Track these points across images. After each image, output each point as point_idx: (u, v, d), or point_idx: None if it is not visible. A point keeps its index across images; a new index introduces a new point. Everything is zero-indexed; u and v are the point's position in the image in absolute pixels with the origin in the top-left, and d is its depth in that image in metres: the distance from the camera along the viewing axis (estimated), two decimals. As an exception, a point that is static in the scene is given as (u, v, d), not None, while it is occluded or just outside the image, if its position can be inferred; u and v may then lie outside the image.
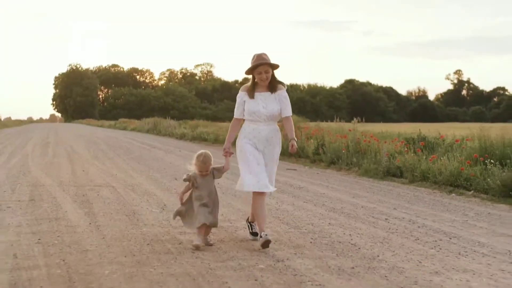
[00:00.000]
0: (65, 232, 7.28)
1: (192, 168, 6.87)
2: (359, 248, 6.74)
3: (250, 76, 7.03)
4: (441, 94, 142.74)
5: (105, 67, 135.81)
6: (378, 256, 6.37)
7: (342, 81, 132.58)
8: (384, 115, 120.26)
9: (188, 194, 6.87)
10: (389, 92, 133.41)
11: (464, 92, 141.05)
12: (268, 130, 6.93)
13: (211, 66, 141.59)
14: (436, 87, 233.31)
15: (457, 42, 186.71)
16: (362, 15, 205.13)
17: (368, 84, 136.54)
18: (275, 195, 10.69)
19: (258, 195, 6.80)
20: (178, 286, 5.07)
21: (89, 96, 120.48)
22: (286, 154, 17.30)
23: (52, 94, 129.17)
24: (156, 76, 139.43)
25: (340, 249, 6.70)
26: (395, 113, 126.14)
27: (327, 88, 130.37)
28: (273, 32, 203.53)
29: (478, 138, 14.07)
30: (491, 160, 12.13)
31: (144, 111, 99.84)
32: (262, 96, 6.94)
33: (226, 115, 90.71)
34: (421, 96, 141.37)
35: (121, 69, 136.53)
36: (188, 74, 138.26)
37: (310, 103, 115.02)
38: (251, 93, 6.94)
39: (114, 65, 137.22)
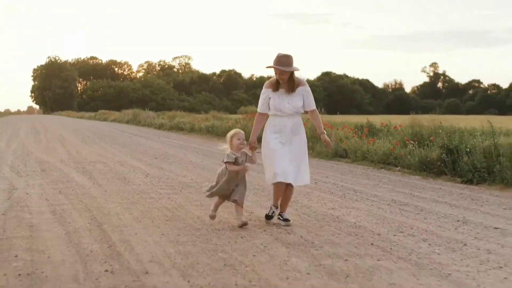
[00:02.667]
0: (76, 188, 10.07)
1: (226, 147, 7.25)
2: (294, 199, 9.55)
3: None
4: (417, 87, 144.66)
5: (84, 59, 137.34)
6: (299, 201, 9.16)
7: (319, 74, 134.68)
8: (360, 107, 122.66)
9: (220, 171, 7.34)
10: (365, 85, 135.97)
11: (439, 84, 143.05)
12: (293, 122, 7.32)
13: (189, 59, 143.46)
14: (412, 79, 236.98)
15: (434, 35, 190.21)
16: (339, 8, 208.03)
17: (345, 76, 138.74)
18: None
19: (289, 185, 7.36)
20: (159, 214, 7.84)
21: (68, 88, 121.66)
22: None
23: (30, 86, 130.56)
24: (134, 68, 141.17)
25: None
26: (371, 105, 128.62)
27: (304, 80, 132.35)
28: (251, 24, 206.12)
29: (411, 126, 16.94)
30: (416, 143, 14.91)
31: (123, 103, 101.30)
32: (285, 92, 7.34)
33: (204, 107, 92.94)
34: (398, 88, 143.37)
35: (100, 61, 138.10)
36: (166, 66, 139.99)
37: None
38: (275, 88, 7.33)
39: (92, 57, 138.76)
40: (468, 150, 12.64)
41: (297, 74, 7.49)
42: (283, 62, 7.22)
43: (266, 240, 6.42)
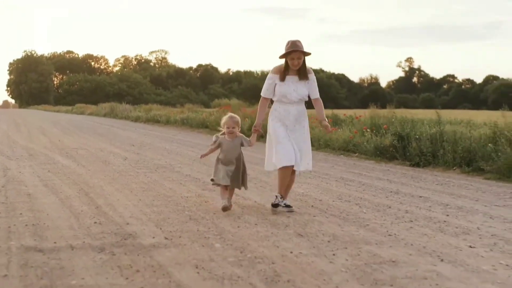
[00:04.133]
0: (63, 168, 11.36)
1: (222, 133, 7.52)
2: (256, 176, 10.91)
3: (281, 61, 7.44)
4: (392, 81, 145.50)
5: (60, 53, 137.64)
6: (258, 177, 10.52)
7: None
8: (336, 102, 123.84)
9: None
10: (341, 79, 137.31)
11: (415, 79, 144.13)
12: (297, 110, 7.42)
13: (165, 53, 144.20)
14: (388, 74, 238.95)
15: (410, 30, 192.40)
16: (317, 3, 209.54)
17: (321, 71, 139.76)
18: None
19: (293, 171, 7.48)
20: (137, 186, 9.15)
21: (44, 82, 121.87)
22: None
23: (6, 80, 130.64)
24: (111, 63, 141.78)
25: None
26: (347, 100, 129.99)
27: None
28: (229, 18, 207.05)
29: (370, 117, 18.40)
30: (374, 131, 16.32)
31: (99, 97, 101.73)
32: (293, 80, 7.38)
33: (180, 101, 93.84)
34: (373, 83, 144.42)
35: (76, 56, 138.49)
36: (143, 60, 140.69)
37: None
38: (282, 76, 7.37)
39: (69, 52, 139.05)
40: (417, 137, 14.04)
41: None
42: (300, 45, 7.25)
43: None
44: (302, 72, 7.37)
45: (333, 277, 4.63)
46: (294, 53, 7.24)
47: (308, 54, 7.31)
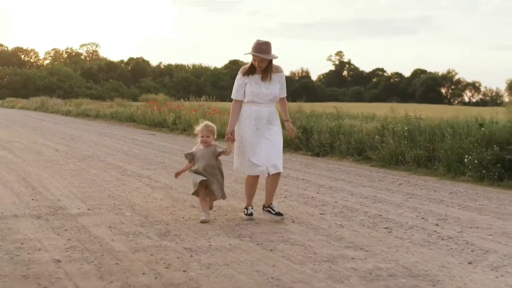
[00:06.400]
0: (1, 159, 12.90)
1: (197, 141, 7.34)
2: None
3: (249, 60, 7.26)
4: (323, 75, 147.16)
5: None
6: (170, 165, 12.29)
7: (227, 62, 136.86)
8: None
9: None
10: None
11: (345, 73, 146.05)
12: (269, 111, 7.17)
13: (96, 46, 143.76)
14: (318, 67, 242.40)
15: (340, 24, 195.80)
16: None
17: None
18: (140, 153, 16.46)
19: (270, 176, 7.21)
20: (67, 172, 10.80)
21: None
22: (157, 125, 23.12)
23: None
24: (41, 56, 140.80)
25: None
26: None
27: (212, 68, 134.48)
28: (159, 11, 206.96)
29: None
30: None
31: (29, 90, 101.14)
32: (263, 79, 7.16)
33: (111, 94, 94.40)
34: (304, 76, 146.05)
35: (5, 49, 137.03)
36: (74, 54, 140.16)
37: (195, 83, 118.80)
38: (247, 72, 7.15)
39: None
40: (319, 130, 15.99)
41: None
42: (263, 49, 7.02)
43: (140, 185, 9.56)
44: (268, 73, 7.14)
45: (209, 233, 6.45)
46: (256, 56, 7.07)
47: (271, 59, 7.13)
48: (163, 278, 4.81)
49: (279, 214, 7.21)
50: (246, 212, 7.28)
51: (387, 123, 14.85)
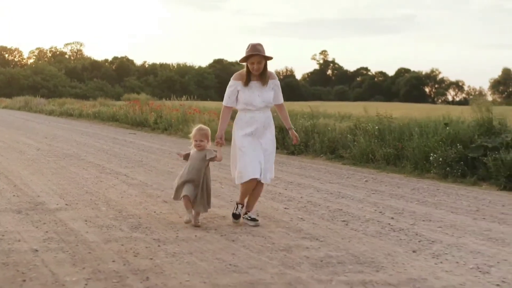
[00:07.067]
0: (-16, 158, 13.35)
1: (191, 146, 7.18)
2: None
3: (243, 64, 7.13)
4: (307, 74, 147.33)
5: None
6: (146, 163, 12.75)
7: (211, 61, 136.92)
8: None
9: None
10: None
11: (329, 72, 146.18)
12: (264, 117, 7.06)
13: (80, 45, 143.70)
14: (303, 67, 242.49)
15: (325, 23, 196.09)
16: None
17: (236, 63, 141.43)
18: (126, 152, 16.90)
19: (259, 183, 7.11)
20: (47, 170, 11.25)
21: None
22: (140, 124, 23.57)
23: None
24: (26, 55, 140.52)
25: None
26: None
27: (196, 67, 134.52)
28: (144, 9, 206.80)
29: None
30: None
31: (14, 90, 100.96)
32: (256, 85, 7.02)
33: (95, 93, 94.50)
34: (289, 75, 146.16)
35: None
36: (58, 53, 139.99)
37: (179, 82, 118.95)
38: (246, 81, 7.01)
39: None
40: (295, 129, 16.48)
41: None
42: (260, 49, 6.95)
43: (117, 182, 10.04)
44: (264, 77, 7.06)
45: (177, 226, 6.93)
46: (254, 57, 6.93)
47: (270, 58, 7.07)
48: (130, 265, 5.29)
49: (253, 220, 7.12)
50: (233, 211, 7.20)
51: (360, 123, 15.40)
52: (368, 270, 5.32)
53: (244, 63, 7.05)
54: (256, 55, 6.90)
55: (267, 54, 7.00)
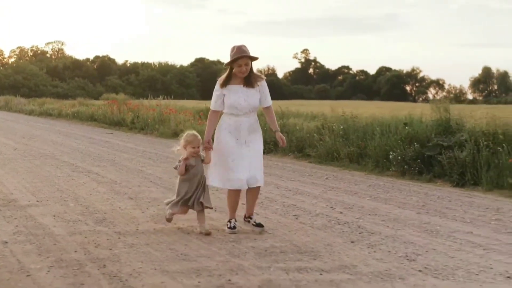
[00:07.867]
0: (-38, 157, 13.83)
1: (178, 150, 7.01)
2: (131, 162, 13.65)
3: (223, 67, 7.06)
4: (289, 73, 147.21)
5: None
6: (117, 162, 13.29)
7: (193, 60, 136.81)
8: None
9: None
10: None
11: (311, 70, 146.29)
12: (250, 121, 6.91)
13: (62, 44, 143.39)
14: (285, 65, 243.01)
15: (306, 22, 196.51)
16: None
17: (218, 62, 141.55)
18: (103, 151, 17.41)
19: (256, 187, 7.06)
20: (22, 169, 11.75)
21: None
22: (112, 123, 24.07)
23: None
24: (6, 54, 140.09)
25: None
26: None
27: (178, 66, 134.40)
28: (127, 8, 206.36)
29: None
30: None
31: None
32: (241, 89, 6.88)
33: (77, 92, 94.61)
34: (270, 74, 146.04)
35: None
36: (39, 52, 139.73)
37: (161, 81, 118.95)
38: (224, 83, 6.89)
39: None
40: (265, 128, 17.00)
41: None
42: (246, 51, 6.84)
43: (87, 180, 10.59)
44: (251, 79, 6.91)
45: (139, 220, 7.50)
46: (241, 60, 6.78)
47: (256, 58, 6.92)
48: (91, 255, 5.86)
49: (259, 225, 7.07)
50: (229, 226, 7.00)
51: (327, 122, 15.99)
52: (306, 258, 5.90)
53: (228, 66, 6.97)
54: (243, 57, 6.79)
55: (251, 54, 6.92)
